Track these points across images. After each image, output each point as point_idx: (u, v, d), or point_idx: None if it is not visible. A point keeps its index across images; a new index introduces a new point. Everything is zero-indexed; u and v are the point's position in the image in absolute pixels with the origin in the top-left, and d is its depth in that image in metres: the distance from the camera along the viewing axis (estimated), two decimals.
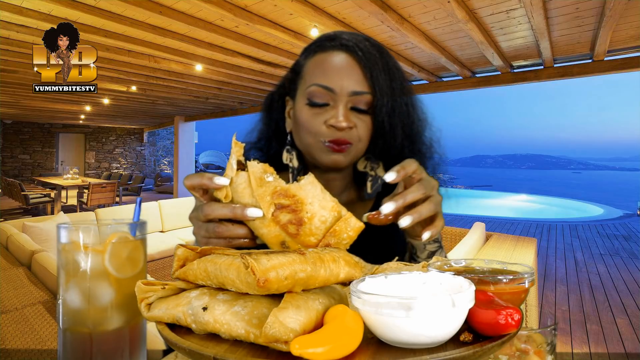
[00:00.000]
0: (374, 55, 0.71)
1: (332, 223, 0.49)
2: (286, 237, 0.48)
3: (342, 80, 0.69)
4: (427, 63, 5.04)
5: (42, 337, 1.84)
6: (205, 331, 0.40)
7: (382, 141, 0.73)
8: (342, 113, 0.68)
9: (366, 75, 0.70)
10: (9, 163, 13.57)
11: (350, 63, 0.70)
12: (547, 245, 7.35)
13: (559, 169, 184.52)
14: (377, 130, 0.72)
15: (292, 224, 0.48)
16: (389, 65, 0.73)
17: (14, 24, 3.53)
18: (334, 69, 0.70)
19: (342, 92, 0.69)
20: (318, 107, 0.71)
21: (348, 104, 0.70)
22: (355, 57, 0.70)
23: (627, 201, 18.57)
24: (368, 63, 0.70)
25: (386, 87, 0.70)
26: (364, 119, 0.71)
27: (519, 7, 3.18)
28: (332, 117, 0.69)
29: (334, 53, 0.71)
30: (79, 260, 0.50)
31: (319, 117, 0.70)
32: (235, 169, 0.50)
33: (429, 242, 0.65)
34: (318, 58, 0.73)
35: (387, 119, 0.71)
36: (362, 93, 0.69)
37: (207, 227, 0.52)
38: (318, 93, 0.70)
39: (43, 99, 8.15)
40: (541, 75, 4.86)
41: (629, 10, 3.16)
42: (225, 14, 3.20)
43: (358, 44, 0.71)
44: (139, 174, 14.26)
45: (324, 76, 0.70)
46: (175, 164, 11.15)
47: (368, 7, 3.06)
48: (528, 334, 0.49)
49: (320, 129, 0.70)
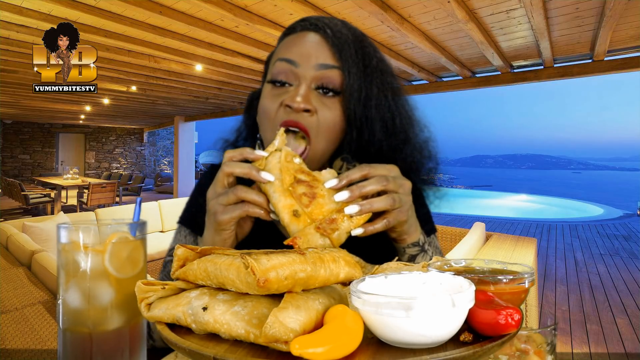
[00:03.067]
0: (346, 36, 0.65)
1: (341, 206, 0.52)
2: (299, 207, 0.52)
3: (308, 53, 0.63)
4: (427, 63, 5.04)
5: (42, 337, 1.84)
6: (205, 331, 0.40)
7: (357, 135, 0.65)
8: (302, 91, 0.62)
9: (334, 53, 0.63)
10: (9, 163, 13.57)
11: (319, 41, 0.64)
12: (547, 245, 7.35)
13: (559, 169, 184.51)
14: (349, 120, 0.64)
15: (305, 196, 0.52)
16: (365, 51, 0.66)
17: (14, 24, 3.53)
18: (299, 44, 0.64)
19: (307, 66, 0.63)
20: (280, 87, 0.65)
21: (312, 83, 0.63)
22: (324, 35, 0.64)
23: (627, 201, 18.57)
24: (338, 42, 0.63)
25: (358, 70, 0.63)
26: (329, 104, 0.63)
27: (519, 7, 3.18)
28: (290, 94, 0.62)
29: (303, 32, 0.66)
30: (79, 260, 0.50)
31: (278, 98, 0.64)
32: (273, 149, 0.56)
33: (409, 246, 0.61)
34: (288, 39, 0.67)
35: (360, 108, 0.64)
36: (329, 67, 0.63)
37: (227, 191, 0.55)
38: (281, 69, 0.64)
39: (43, 99, 8.15)
40: (541, 75, 4.86)
41: (629, 10, 3.16)
42: (225, 14, 3.20)
43: (329, 25, 0.65)
44: (139, 174, 14.26)
45: (288, 50, 0.65)
46: (175, 164, 11.15)
47: (368, 7, 3.06)
48: (528, 334, 0.49)
49: (277, 110, 0.63)
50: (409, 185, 0.57)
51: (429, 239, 0.74)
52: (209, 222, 0.58)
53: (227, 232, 0.56)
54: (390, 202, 0.53)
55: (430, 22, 3.54)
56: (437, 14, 3.36)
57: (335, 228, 0.51)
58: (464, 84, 5.57)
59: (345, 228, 0.52)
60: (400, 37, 3.91)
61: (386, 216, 0.55)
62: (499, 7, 3.21)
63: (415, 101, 0.74)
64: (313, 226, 0.51)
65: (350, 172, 0.54)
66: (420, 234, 0.63)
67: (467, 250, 2.72)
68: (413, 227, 0.60)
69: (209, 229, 0.58)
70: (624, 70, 4.35)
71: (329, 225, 0.51)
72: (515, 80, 5.10)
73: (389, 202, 0.53)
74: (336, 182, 0.53)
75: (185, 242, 0.75)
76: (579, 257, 6.38)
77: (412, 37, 3.68)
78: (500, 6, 3.19)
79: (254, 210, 0.54)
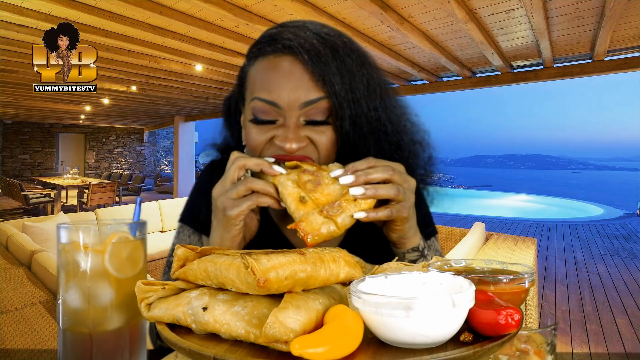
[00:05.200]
0: (325, 55, 0.59)
1: (346, 193, 0.54)
2: (305, 194, 0.53)
3: (289, 92, 0.58)
4: (427, 63, 5.04)
5: (42, 337, 1.84)
6: (205, 331, 0.40)
7: (353, 154, 0.62)
8: (291, 132, 0.58)
9: (317, 81, 0.58)
10: (9, 163, 13.57)
11: (296, 68, 0.59)
12: (547, 245, 7.35)
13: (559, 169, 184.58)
14: (344, 143, 0.62)
15: (310, 182, 0.54)
16: (347, 64, 0.60)
17: (14, 24, 3.53)
18: (277, 79, 0.59)
19: (291, 107, 0.59)
20: (265, 124, 0.61)
21: (300, 119, 0.60)
22: (301, 60, 0.58)
23: (627, 201, 18.57)
24: (318, 66, 0.58)
25: (345, 92, 0.59)
26: (323, 130, 0.61)
27: (519, 7, 3.18)
28: (281, 137, 0.59)
29: (276, 59, 0.60)
30: (79, 260, 0.50)
31: (266, 134, 0.61)
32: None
33: (408, 251, 0.61)
34: (259, 65, 0.62)
35: (353, 129, 0.61)
36: (315, 100, 0.59)
37: (237, 184, 0.56)
38: (262, 109, 0.60)
39: (43, 99, 8.15)
40: (541, 75, 4.86)
41: (629, 10, 3.16)
42: (225, 14, 3.20)
43: (303, 44, 0.59)
44: (139, 174, 14.26)
45: (266, 89, 0.59)
46: (175, 164, 11.15)
47: (368, 7, 3.06)
48: (528, 334, 0.49)
49: (267, 149, 0.61)
50: (414, 183, 0.57)
51: (429, 242, 0.74)
52: (216, 219, 0.58)
53: (236, 227, 0.56)
54: (395, 191, 0.54)
55: (430, 22, 3.54)
56: (437, 14, 3.36)
57: (338, 209, 0.52)
58: (464, 84, 5.57)
59: (350, 212, 0.52)
60: (400, 37, 3.91)
61: (389, 206, 0.55)
62: (499, 7, 3.21)
63: (405, 99, 0.73)
64: (317, 211, 0.52)
65: (356, 163, 0.55)
66: (420, 239, 0.63)
67: (467, 250, 2.72)
68: (413, 229, 0.60)
69: (216, 227, 0.58)
70: (624, 70, 4.35)
71: (332, 208, 0.52)
72: (515, 80, 5.10)
73: (394, 191, 0.54)
74: (342, 172, 0.54)
75: (189, 241, 0.74)
76: (579, 257, 6.38)
77: (412, 37, 3.68)
78: (500, 6, 3.19)
79: (264, 200, 0.55)
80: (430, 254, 0.65)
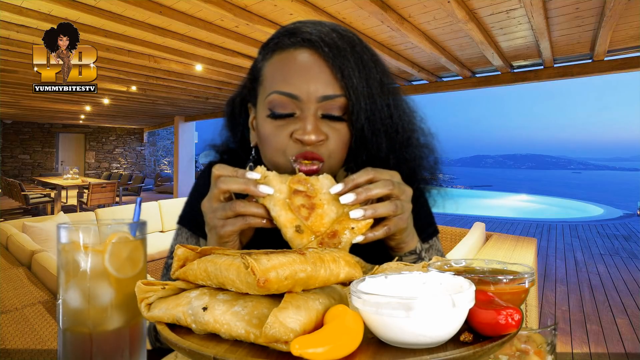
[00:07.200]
0: (344, 50, 0.59)
1: (341, 215, 0.52)
2: (300, 222, 0.51)
3: (308, 84, 0.58)
4: (427, 63, 5.04)
5: (42, 337, 1.84)
6: (205, 331, 0.40)
7: (365, 152, 0.63)
8: (310, 123, 0.58)
9: (336, 76, 0.59)
10: (9, 163, 13.57)
11: (316, 62, 0.59)
12: (547, 245, 7.35)
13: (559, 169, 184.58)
14: (357, 139, 0.62)
15: (304, 208, 0.51)
16: (364, 60, 0.61)
17: (14, 24, 3.53)
18: (296, 71, 0.59)
19: (310, 99, 0.58)
20: (282, 119, 0.60)
21: (318, 112, 0.59)
22: (321, 53, 0.59)
23: (627, 201, 18.58)
24: (337, 60, 0.58)
25: (362, 87, 0.60)
26: (338, 127, 0.61)
27: (519, 7, 3.18)
28: (299, 129, 0.58)
29: (296, 51, 0.60)
30: (79, 260, 0.50)
31: (284, 129, 0.60)
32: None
33: (406, 254, 0.61)
34: (277, 59, 0.62)
35: (366, 125, 0.61)
36: (333, 97, 0.59)
37: (224, 206, 0.53)
38: (280, 102, 0.60)
39: (43, 99, 8.15)
40: (541, 75, 4.86)
41: (629, 10, 3.16)
42: (225, 14, 3.20)
43: (323, 38, 0.59)
44: (139, 174, 14.27)
45: (285, 81, 0.59)
46: (175, 164, 11.16)
47: (368, 7, 3.06)
48: (528, 334, 0.49)
49: (286, 143, 0.60)
50: (410, 192, 0.57)
51: (430, 242, 0.74)
52: (210, 234, 0.57)
53: (230, 243, 0.55)
54: (393, 208, 0.53)
55: (430, 22, 3.54)
56: (437, 14, 3.36)
57: (337, 242, 0.51)
58: (464, 84, 5.57)
59: (348, 240, 0.52)
60: (400, 37, 3.91)
61: (387, 223, 0.54)
62: (499, 7, 3.21)
63: (413, 100, 0.73)
64: (315, 242, 0.51)
65: (356, 176, 0.53)
66: (417, 242, 0.63)
67: (467, 250, 2.72)
68: (411, 235, 0.60)
69: (210, 241, 0.57)
70: (624, 70, 4.35)
71: (331, 240, 0.51)
72: (515, 80, 5.10)
73: (392, 208, 0.53)
74: (342, 187, 0.52)
75: (187, 243, 0.74)
76: (579, 257, 6.38)
77: (412, 37, 3.68)
78: (500, 6, 3.19)
79: (255, 221, 0.53)
80: (427, 257, 0.65)
